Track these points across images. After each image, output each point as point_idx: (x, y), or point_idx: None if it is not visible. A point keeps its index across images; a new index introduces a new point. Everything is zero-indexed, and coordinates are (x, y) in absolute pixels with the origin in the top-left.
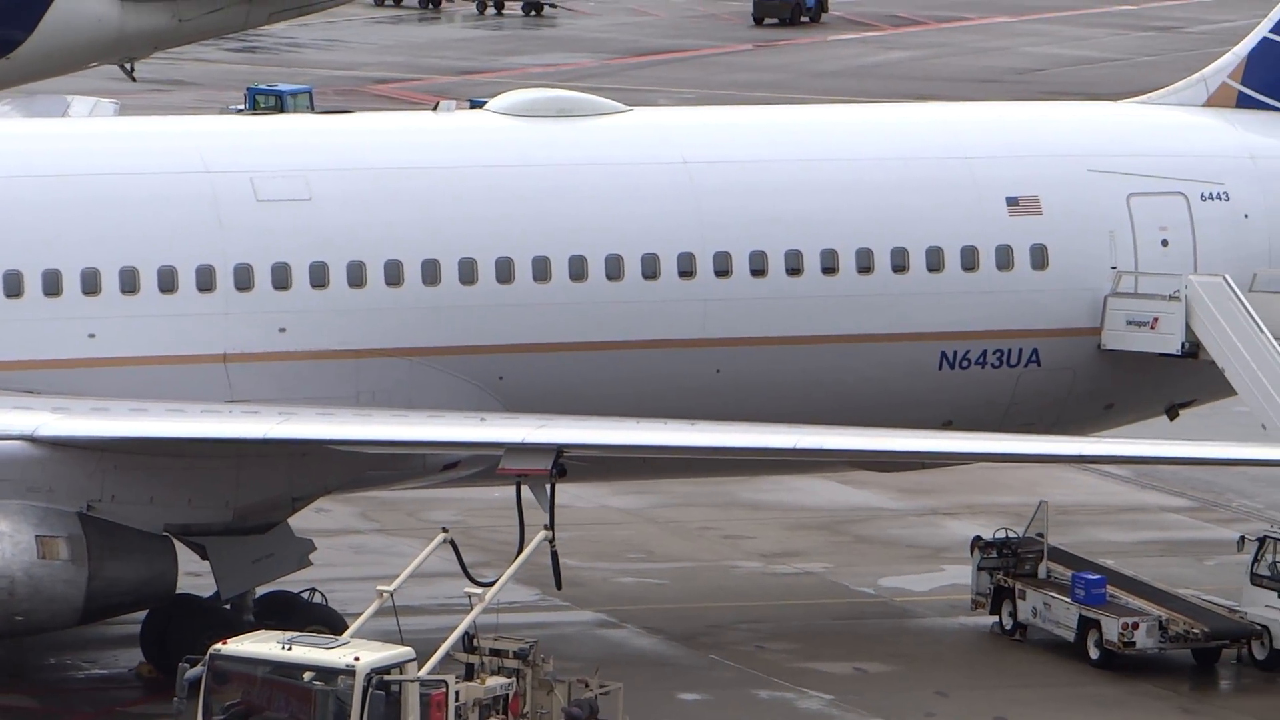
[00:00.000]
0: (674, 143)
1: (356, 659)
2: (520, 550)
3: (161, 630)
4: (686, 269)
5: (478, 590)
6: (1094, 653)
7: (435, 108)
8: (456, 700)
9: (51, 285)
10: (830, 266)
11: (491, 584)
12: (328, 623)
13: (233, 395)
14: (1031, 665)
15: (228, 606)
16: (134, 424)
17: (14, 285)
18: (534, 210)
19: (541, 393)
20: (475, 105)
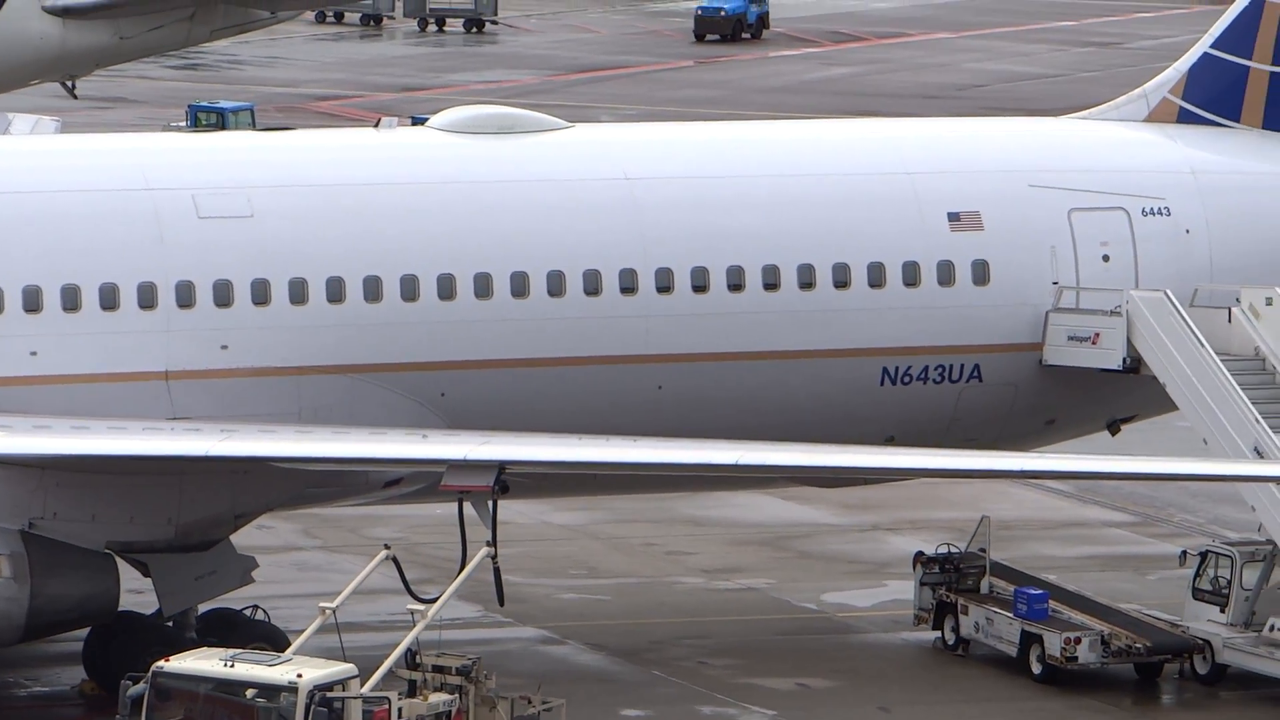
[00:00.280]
0: (616, 159)
1: (299, 676)
2: (463, 567)
3: (104, 648)
4: (628, 285)
5: (420, 607)
6: (1037, 668)
7: (377, 125)
8: (399, 717)
9: None
10: (772, 282)
11: (434, 600)
12: (270, 640)
13: (175, 413)
14: (974, 680)
15: (170, 624)
16: (76, 442)
17: None
18: (476, 226)
19: (484, 409)
20: (417, 122)
